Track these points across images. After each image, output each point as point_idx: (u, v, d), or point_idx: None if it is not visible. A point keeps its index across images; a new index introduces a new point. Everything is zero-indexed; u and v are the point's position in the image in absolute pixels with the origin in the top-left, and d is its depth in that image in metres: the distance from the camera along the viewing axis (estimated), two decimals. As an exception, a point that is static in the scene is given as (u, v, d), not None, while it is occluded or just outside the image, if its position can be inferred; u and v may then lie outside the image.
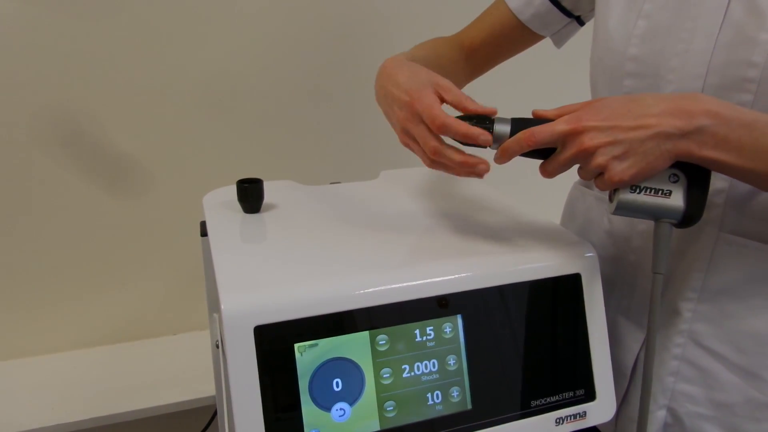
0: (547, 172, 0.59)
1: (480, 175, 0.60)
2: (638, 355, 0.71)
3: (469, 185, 0.87)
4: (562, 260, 0.64)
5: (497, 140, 0.59)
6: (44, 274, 1.21)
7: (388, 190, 0.85)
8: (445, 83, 0.62)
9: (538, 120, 0.59)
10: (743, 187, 0.61)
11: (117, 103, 1.16)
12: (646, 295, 0.70)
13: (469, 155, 0.60)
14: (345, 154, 1.35)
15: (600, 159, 0.54)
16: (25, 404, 1.13)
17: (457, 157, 0.60)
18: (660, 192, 0.57)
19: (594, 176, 0.57)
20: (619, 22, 0.67)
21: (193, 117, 1.21)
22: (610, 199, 0.60)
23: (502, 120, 0.60)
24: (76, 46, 1.11)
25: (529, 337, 0.62)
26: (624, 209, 0.58)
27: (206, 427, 1.14)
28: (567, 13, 0.81)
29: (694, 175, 0.56)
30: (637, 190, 0.57)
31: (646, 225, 0.69)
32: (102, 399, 1.14)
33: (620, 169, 0.54)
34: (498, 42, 0.84)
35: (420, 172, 0.92)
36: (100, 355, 1.26)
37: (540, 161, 0.60)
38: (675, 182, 0.57)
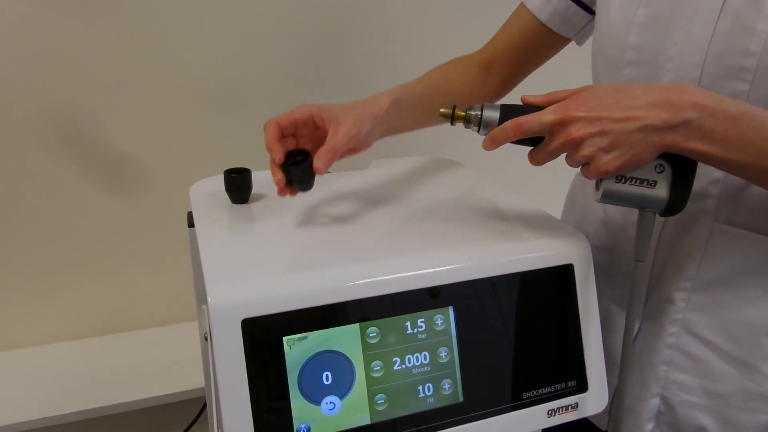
0: (535, 161, 0.59)
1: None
2: (633, 344, 0.71)
3: (462, 175, 0.86)
4: (554, 251, 0.63)
5: (486, 126, 0.60)
6: (31, 266, 1.19)
7: (378, 180, 0.84)
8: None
9: (527, 107, 0.59)
10: (737, 178, 0.61)
11: (106, 96, 1.14)
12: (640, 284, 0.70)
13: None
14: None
15: (586, 150, 0.55)
16: (11, 397, 1.12)
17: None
18: (645, 182, 0.57)
19: (580, 165, 0.57)
20: (620, 11, 0.67)
21: (181, 107, 1.19)
22: (597, 187, 0.60)
23: (492, 106, 0.60)
24: (60, 32, 1.09)
25: (521, 329, 0.62)
26: (609, 198, 0.58)
27: (195, 420, 1.14)
28: (586, 8, 0.78)
29: (679, 166, 0.56)
30: (623, 180, 0.57)
31: None
32: (90, 391, 1.13)
33: (606, 160, 0.55)
34: (522, 50, 0.83)
35: (411, 161, 0.91)
36: (88, 347, 1.25)
37: (528, 148, 0.60)
38: (660, 173, 0.57)
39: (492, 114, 0.60)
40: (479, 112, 0.60)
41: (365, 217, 0.71)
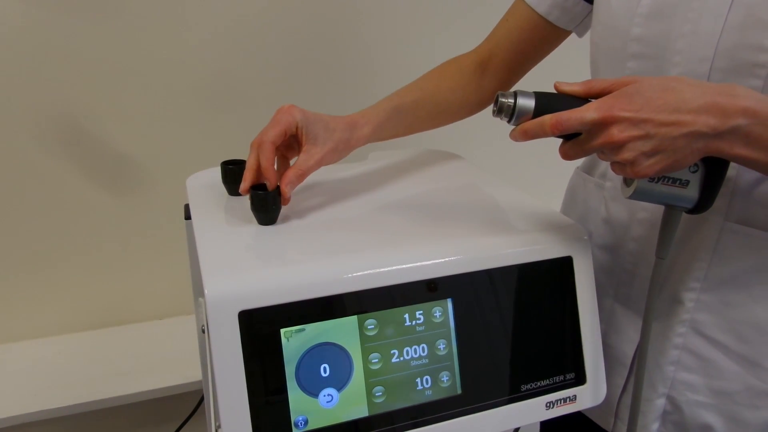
0: (567, 156, 0.56)
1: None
2: (638, 344, 0.70)
3: (460, 167, 0.86)
4: (553, 243, 0.63)
5: (519, 116, 0.55)
6: (29, 260, 1.19)
7: (377, 172, 0.83)
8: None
9: (564, 97, 0.55)
10: (750, 176, 0.60)
11: (103, 93, 1.14)
12: (646, 283, 0.68)
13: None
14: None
15: (627, 154, 0.52)
16: (8, 390, 1.11)
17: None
18: (678, 182, 0.56)
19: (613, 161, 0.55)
20: (621, 0, 0.65)
21: (177, 102, 1.19)
22: (626, 184, 0.58)
23: (526, 94, 0.55)
24: (58, 29, 1.08)
25: (519, 321, 0.62)
26: (639, 195, 0.57)
27: (193, 413, 1.14)
28: None
29: (713, 165, 0.55)
30: (656, 180, 0.55)
31: (646, 214, 0.68)
32: (88, 384, 1.13)
33: (646, 165, 0.52)
34: (521, 46, 0.80)
35: (409, 154, 0.90)
36: (86, 340, 1.25)
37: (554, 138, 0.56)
38: (694, 172, 0.55)
39: (527, 103, 0.55)
40: (512, 101, 0.55)
41: (364, 209, 0.70)
